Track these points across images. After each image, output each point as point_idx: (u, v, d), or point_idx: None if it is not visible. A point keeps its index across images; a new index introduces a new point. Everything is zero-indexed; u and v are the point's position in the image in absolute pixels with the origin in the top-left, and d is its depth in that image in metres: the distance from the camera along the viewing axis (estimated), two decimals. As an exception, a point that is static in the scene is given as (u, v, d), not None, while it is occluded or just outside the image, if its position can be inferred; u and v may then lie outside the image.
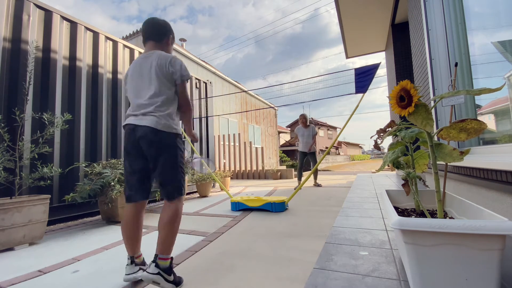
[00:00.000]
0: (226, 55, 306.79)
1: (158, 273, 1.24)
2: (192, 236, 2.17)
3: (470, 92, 0.92)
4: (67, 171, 2.79)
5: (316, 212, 2.83)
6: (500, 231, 0.75)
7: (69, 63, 3.02)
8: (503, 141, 1.80)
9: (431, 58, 2.44)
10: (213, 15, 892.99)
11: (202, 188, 4.52)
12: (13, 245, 1.98)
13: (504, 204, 1.38)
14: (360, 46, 6.63)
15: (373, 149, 11.56)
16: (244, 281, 1.33)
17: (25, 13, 2.61)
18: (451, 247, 0.80)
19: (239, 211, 3.10)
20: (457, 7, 2.30)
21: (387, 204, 1.15)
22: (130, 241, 1.42)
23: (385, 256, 1.27)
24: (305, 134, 5.30)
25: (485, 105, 2.12)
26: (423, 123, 0.95)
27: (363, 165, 23.49)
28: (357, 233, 1.65)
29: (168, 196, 1.40)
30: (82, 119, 3.08)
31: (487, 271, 0.77)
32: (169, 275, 1.27)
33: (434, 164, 1.02)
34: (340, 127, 33.68)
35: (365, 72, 2.67)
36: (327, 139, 34.87)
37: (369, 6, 4.70)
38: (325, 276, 1.10)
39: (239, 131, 13.29)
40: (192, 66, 11.35)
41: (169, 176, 1.40)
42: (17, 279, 1.46)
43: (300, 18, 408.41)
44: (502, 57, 1.83)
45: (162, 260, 1.28)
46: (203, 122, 5.46)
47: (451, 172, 2.15)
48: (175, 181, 1.40)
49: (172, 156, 1.40)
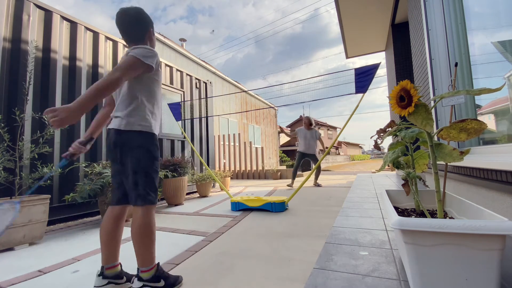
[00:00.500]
0: (226, 55, 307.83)
1: (143, 285, 1.19)
2: (192, 236, 2.17)
3: (470, 92, 0.92)
4: (67, 171, 2.79)
5: (316, 212, 2.83)
6: (500, 231, 0.74)
7: (69, 63, 3.02)
8: (503, 141, 1.80)
9: (431, 58, 2.44)
10: (213, 15, 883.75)
11: (202, 188, 4.52)
12: (13, 245, 1.98)
13: (504, 204, 1.38)
14: (360, 46, 6.63)
15: (373, 149, 11.57)
16: (244, 281, 1.33)
17: (25, 13, 2.61)
18: (451, 247, 0.80)
19: (239, 211, 3.10)
20: (457, 7, 2.30)
21: (387, 204, 1.15)
22: (102, 247, 1.30)
23: (385, 256, 1.27)
24: (308, 136, 5.37)
25: (485, 105, 2.12)
26: (423, 123, 0.95)
27: (363, 165, 23.49)
28: (357, 233, 1.65)
29: (131, 202, 1.27)
30: (82, 119, 3.08)
31: (487, 271, 0.77)
32: (158, 281, 1.22)
33: (434, 164, 1.02)
34: (340, 127, 33.71)
35: (365, 72, 2.67)
36: (327, 139, 34.87)
37: (369, 6, 4.70)
38: (325, 276, 1.10)
39: (239, 131, 13.29)
40: (192, 66, 11.35)
41: (131, 182, 1.24)
42: (17, 279, 1.46)
43: (300, 18, 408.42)
44: (502, 57, 1.83)
45: (145, 272, 1.21)
46: (203, 122, 5.46)
47: (451, 172, 2.15)
48: (139, 187, 1.24)
49: (135, 159, 1.24)
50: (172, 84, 4.65)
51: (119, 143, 1.25)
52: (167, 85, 4.50)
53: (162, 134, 4.29)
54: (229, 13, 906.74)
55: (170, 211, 3.36)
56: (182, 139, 4.75)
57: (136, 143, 1.25)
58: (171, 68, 4.67)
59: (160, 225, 2.58)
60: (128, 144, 1.25)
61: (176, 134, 4.64)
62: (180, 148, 4.72)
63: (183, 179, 3.81)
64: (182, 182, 3.78)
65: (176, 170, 3.79)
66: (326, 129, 35.90)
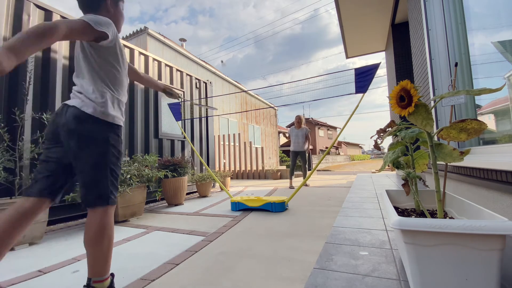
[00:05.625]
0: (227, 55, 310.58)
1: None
2: (192, 236, 2.17)
3: (470, 92, 0.92)
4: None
5: (316, 212, 2.83)
6: (500, 231, 0.75)
7: (69, 63, 3.02)
8: (503, 141, 1.80)
9: (431, 58, 2.44)
10: (214, 16, 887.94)
11: (202, 188, 4.52)
12: (13, 245, 1.98)
13: (504, 204, 1.38)
14: (360, 46, 6.63)
15: (373, 149, 11.56)
16: (244, 281, 1.33)
17: (25, 13, 2.61)
18: (451, 247, 0.80)
19: (239, 211, 3.10)
20: (457, 7, 2.30)
21: (387, 204, 1.15)
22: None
23: (385, 256, 1.27)
24: (298, 134, 5.47)
25: (485, 105, 2.12)
26: (423, 123, 0.95)
27: (363, 165, 23.49)
28: (357, 233, 1.65)
29: (87, 203, 1.11)
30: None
31: (487, 271, 0.77)
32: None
33: (434, 164, 1.02)
34: (340, 127, 33.69)
35: (365, 72, 2.67)
36: (327, 139, 34.86)
37: (369, 6, 4.70)
38: (325, 276, 1.10)
39: (239, 131, 13.29)
40: (192, 66, 11.35)
41: (91, 179, 1.10)
42: (17, 279, 1.46)
43: (300, 19, 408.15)
44: (502, 57, 1.83)
45: (98, 283, 1.10)
46: (203, 122, 5.46)
47: (451, 172, 2.15)
48: (101, 186, 1.11)
49: (99, 153, 1.11)
50: (172, 84, 4.65)
51: (78, 130, 1.08)
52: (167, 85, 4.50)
53: (162, 134, 4.29)
54: (229, 13, 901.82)
55: (170, 211, 3.36)
56: (182, 139, 4.75)
57: (102, 135, 1.12)
58: (171, 68, 4.67)
59: (160, 225, 2.58)
60: (92, 135, 1.10)
61: (176, 134, 4.64)
62: (180, 148, 4.72)
63: (183, 179, 3.81)
64: (182, 182, 3.78)
65: (176, 170, 3.78)
66: (326, 129, 35.89)
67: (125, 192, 2.67)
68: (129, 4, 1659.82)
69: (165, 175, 3.54)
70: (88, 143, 1.10)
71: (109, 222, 1.12)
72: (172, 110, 3.97)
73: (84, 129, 1.09)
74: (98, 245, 1.09)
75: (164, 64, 4.51)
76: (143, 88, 4.04)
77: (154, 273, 1.46)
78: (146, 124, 4.02)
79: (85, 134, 1.09)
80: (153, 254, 1.77)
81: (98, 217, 1.10)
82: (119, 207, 2.70)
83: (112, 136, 1.18)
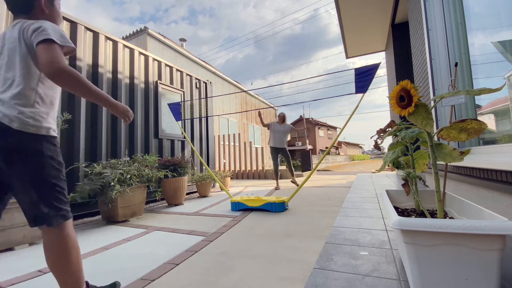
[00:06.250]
0: (227, 55, 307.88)
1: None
2: (192, 236, 2.17)
3: (470, 92, 0.92)
4: (67, 171, 2.79)
5: (316, 212, 2.83)
6: (500, 231, 0.75)
7: (69, 62, 3.01)
8: (503, 141, 1.80)
9: (431, 58, 2.44)
10: (214, 16, 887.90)
11: (202, 188, 4.52)
12: (13, 245, 1.98)
13: (504, 204, 1.38)
14: (360, 46, 6.63)
15: (373, 149, 11.55)
16: (244, 281, 1.33)
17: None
18: (451, 247, 0.80)
19: (239, 211, 3.10)
20: (457, 7, 2.30)
21: (387, 204, 1.15)
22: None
23: (385, 256, 1.27)
24: (279, 129, 5.22)
25: (485, 105, 2.13)
26: (423, 123, 0.95)
27: (363, 165, 23.49)
28: (357, 233, 1.65)
29: (35, 224, 1.00)
30: (82, 119, 3.08)
31: (487, 271, 0.77)
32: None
33: (434, 164, 1.02)
34: (340, 127, 33.70)
35: (365, 72, 2.67)
36: (327, 139, 34.86)
37: (369, 6, 4.70)
38: (325, 276, 1.10)
39: (239, 131, 13.30)
40: (192, 66, 11.36)
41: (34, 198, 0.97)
42: (17, 279, 1.46)
43: (300, 19, 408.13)
44: (502, 57, 1.83)
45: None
46: (203, 122, 5.46)
47: (451, 172, 2.15)
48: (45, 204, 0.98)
49: (36, 169, 0.96)
50: (172, 84, 4.66)
51: (5, 147, 0.93)
52: (167, 85, 4.50)
53: (162, 134, 4.29)
54: (229, 14, 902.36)
55: (170, 211, 3.36)
56: (182, 139, 4.75)
57: (35, 149, 0.96)
58: (171, 68, 4.68)
59: (160, 225, 2.58)
60: (23, 151, 0.94)
61: (176, 134, 4.63)
62: (180, 148, 4.72)
63: (183, 179, 3.81)
64: (182, 182, 3.78)
65: (176, 170, 3.78)
66: (326, 129, 35.89)
67: (125, 192, 2.67)
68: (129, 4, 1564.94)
69: (165, 175, 3.54)
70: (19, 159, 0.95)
71: (69, 236, 1.01)
72: (172, 110, 3.97)
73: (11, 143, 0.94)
74: (65, 266, 0.99)
75: (164, 64, 4.51)
76: (143, 88, 4.04)
77: (154, 273, 1.46)
78: (146, 124, 4.02)
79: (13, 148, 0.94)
80: (153, 254, 1.77)
81: (54, 236, 0.99)
82: (119, 207, 2.70)
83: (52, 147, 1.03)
